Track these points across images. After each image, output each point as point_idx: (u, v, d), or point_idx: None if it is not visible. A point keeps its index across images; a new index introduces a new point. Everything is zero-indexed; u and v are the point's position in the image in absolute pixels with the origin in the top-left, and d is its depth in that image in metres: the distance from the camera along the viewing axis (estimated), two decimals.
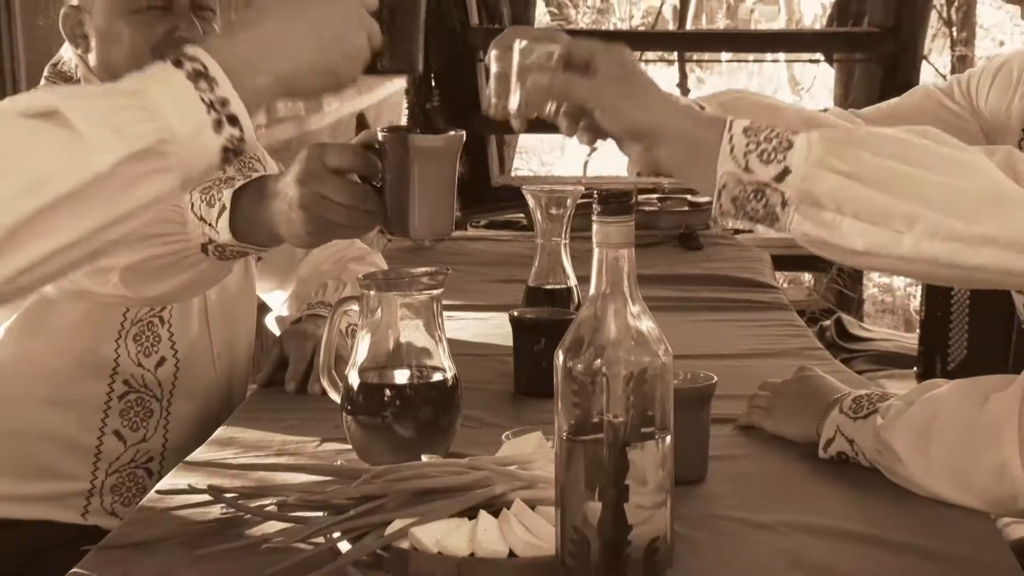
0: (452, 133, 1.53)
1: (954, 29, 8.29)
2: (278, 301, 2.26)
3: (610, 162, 7.98)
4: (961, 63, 8.60)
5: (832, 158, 1.24)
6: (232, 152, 1.17)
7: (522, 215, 3.25)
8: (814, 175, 1.24)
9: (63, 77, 1.96)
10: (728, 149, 1.25)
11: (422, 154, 1.49)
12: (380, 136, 1.51)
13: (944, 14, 7.90)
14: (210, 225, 1.58)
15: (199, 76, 1.14)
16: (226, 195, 1.58)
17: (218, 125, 1.15)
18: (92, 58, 1.93)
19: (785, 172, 1.24)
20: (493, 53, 1.45)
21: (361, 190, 1.51)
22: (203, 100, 1.13)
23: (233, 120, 1.16)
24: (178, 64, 1.14)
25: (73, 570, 1.31)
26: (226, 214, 1.57)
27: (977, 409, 1.42)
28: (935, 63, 7.73)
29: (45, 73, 2.00)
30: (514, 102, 1.42)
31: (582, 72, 1.36)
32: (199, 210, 1.59)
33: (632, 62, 1.43)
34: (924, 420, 1.45)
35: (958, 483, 1.42)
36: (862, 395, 1.56)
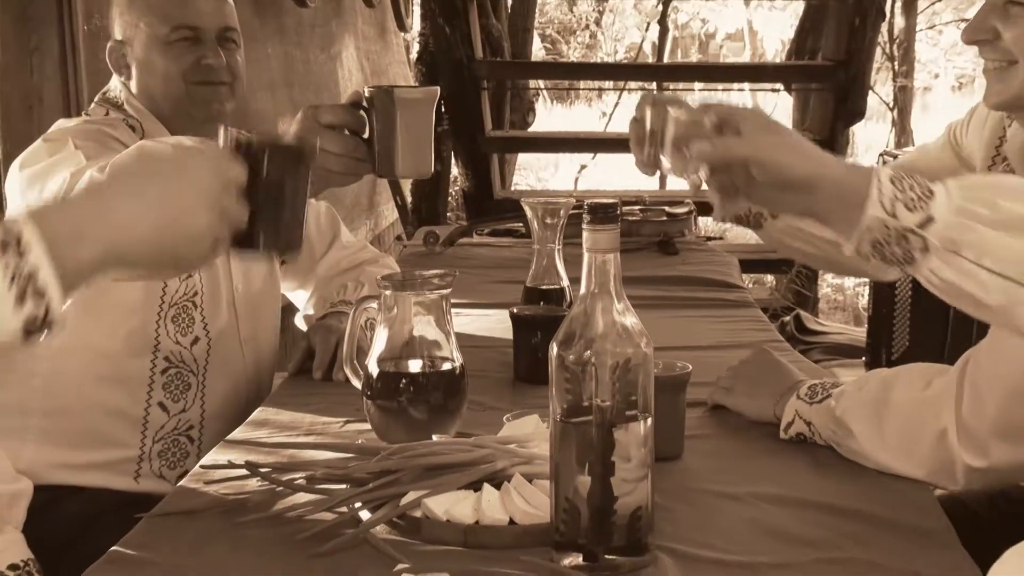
0: (430, 87, 1.63)
1: (896, 63, 8.32)
2: (302, 300, 2.26)
3: (596, 179, 8.00)
4: (902, 93, 8.64)
5: (972, 205, 1.20)
6: (36, 332, 0.97)
7: (521, 224, 3.24)
8: (956, 224, 1.20)
9: (111, 103, 1.99)
10: (876, 195, 1.21)
11: (405, 105, 1.56)
12: (368, 92, 1.58)
13: (887, 50, 7.95)
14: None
15: (5, 246, 0.95)
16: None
17: (20, 298, 0.95)
18: (133, 85, 1.98)
19: (929, 220, 1.20)
20: (643, 116, 1.43)
21: (352, 141, 1.57)
22: (4, 272, 0.94)
23: (40, 293, 0.96)
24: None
25: (126, 536, 1.30)
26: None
27: (921, 390, 1.44)
28: (880, 92, 7.77)
29: (96, 99, 2.02)
30: (669, 164, 1.42)
31: (733, 133, 1.31)
32: None
33: (774, 119, 1.38)
34: (876, 400, 1.47)
35: (906, 453, 1.43)
36: (816, 383, 1.57)
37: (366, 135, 1.57)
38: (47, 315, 0.97)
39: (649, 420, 1.17)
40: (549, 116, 12.92)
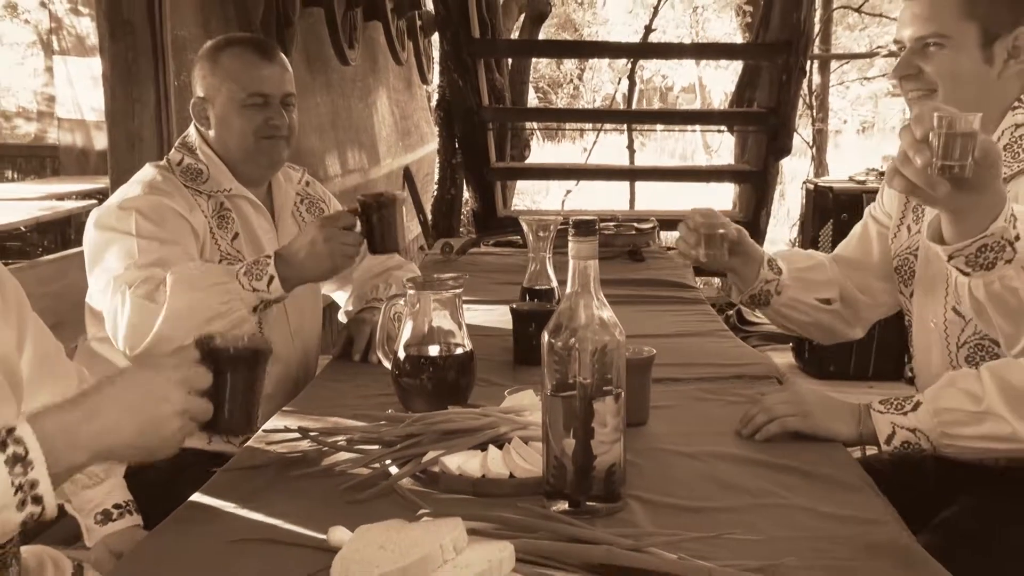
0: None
1: (814, 111, 8.33)
2: (343, 299, 2.25)
3: (579, 201, 7.99)
4: (819, 134, 8.66)
5: None
6: (30, 523, 0.99)
7: (519, 237, 3.22)
8: None
9: (187, 147, 1.99)
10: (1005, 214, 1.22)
11: (398, 205, 1.83)
12: (361, 199, 1.81)
13: (807, 101, 7.95)
14: (265, 291, 1.74)
15: (16, 461, 0.96)
16: (270, 268, 1.75)
17: (22, 504, 0.97)
18: (211, 135, 1.97)
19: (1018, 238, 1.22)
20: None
21: (356, 236, 1.79)
22: (13, 484, 0.96)
23: (37, 499, 0.97)
24: (3, 447, 0.96)
25: (204, 485, 1.30)
26: (276, 280, 1.74)
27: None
28: (802, 134, 7.76)
29: (176, 144, 2.01)
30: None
31: None
32: (249, 286, 1.74)
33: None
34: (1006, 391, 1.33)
35: None
36: (885, 399, 1.42)
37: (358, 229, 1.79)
38: (42, 515, 0.99)
39: (621, 394, 1.16)
40: (542, 151, 12.91)
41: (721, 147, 9.86)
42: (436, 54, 7.05)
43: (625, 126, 8.03)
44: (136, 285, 1.71)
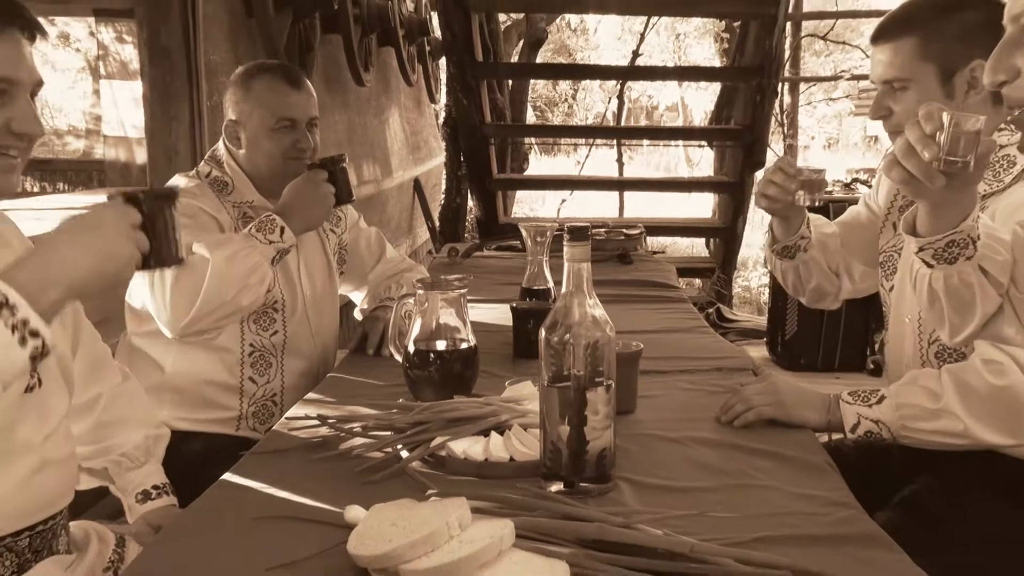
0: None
1: (785, 128, 8.32)
2: (358, 298, 2.24)
3: (573, 209, 7.97)
4: (790, 149, 8.64)
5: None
6: (39, 358, 1.01)
7: (518, 242, 3.22)
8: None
9: (215, 161, 1.99)
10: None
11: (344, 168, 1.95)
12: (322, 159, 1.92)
13: (779, 119, 7.95)
14: (279, 241, 1.81)
15: (2, 307, 0.96)
16: (278, 221, 1.82)
17: (23, 341, 0.98)
18: (241, 154, 1.97)
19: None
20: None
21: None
22: (7, 325, 0.96)
23: (35, 334, 0.98)
24: None
25: (232, 467, 1.29)
26: (287, 230, 1.82)
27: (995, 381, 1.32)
28: (774, 149, 7.76)
29: (206, 156, 2.02)
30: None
31: None
32: (265, 240, 1.80)
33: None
34: (963, 390, 1.32)
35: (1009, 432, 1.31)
36: (854, 391, 1.42)
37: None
38: (44, 347, 1.00)
39: (612, 385, 1.15)
40: (539, 164, 12.90)
41: (702, 160, 9.87)
42: (443, 76, 7.05)
43: (614, 141, 8.01)
44: None
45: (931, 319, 1.37)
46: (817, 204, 1.66)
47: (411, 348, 1.52)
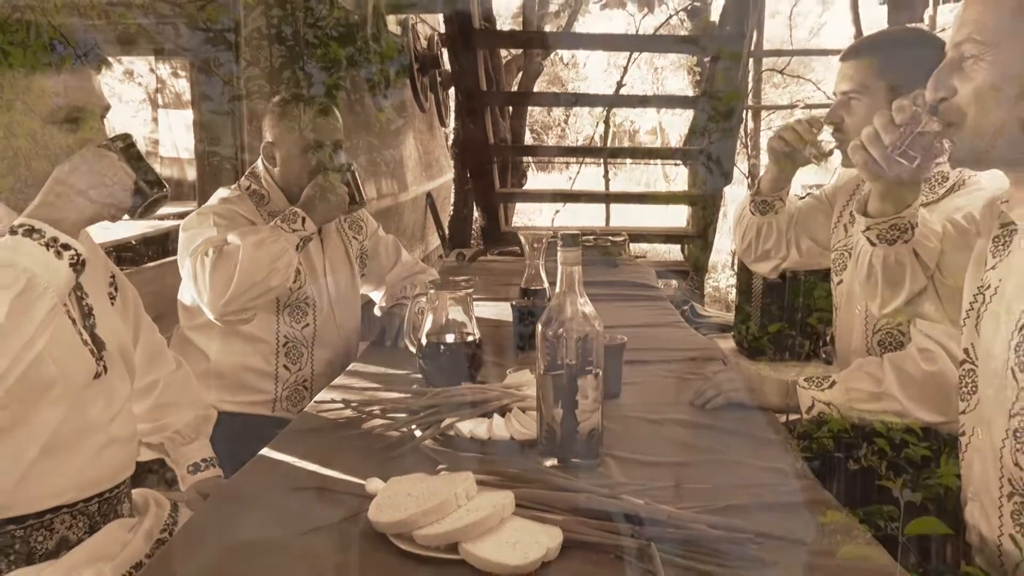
0: None
1: (748, 149, 8.30)
2: (378, 297, 2.24)
3: (565, 219, 7.96)
4: (753, 168, 8.62)
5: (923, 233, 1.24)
6: (78, 265, 1.03)
7: (518, 247, 3.22)
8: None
9: (255, 176, 1.99)
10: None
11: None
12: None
13: (743, 141, 7.93)
14: (302, 229, 1.80)
15: (31, 232, 1.00)
16: (300, 213, 1.82)
17: (58, 254, 1.01)
18: (276, 171, 1.97)
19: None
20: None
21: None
22: (40, 244, 1.00)
23: (66, 247, 1.02)
24: (15, 233, 1.00)
25: (268, 444, 1.29)
26: (308, 220, 1.81)
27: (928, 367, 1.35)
28: (740, 167, 7.75)
29: (246, 173, 2.02)
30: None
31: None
32: (290, 229, 1.79)
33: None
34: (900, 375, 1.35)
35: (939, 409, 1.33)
36: (808, 377, 1.43)
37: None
38: (79, 256, 1.03)
39: (600, 373, 1.15)
40: (536, 179, 12.89)
41: (677, 177, 9.85)
42: (452, 103, 7.04)
43: (601, 160, 8.00)
44: (213, 247, 1.72)
45: (865, 291, 1.37)
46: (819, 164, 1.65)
47: (424, 341, 1.52)
